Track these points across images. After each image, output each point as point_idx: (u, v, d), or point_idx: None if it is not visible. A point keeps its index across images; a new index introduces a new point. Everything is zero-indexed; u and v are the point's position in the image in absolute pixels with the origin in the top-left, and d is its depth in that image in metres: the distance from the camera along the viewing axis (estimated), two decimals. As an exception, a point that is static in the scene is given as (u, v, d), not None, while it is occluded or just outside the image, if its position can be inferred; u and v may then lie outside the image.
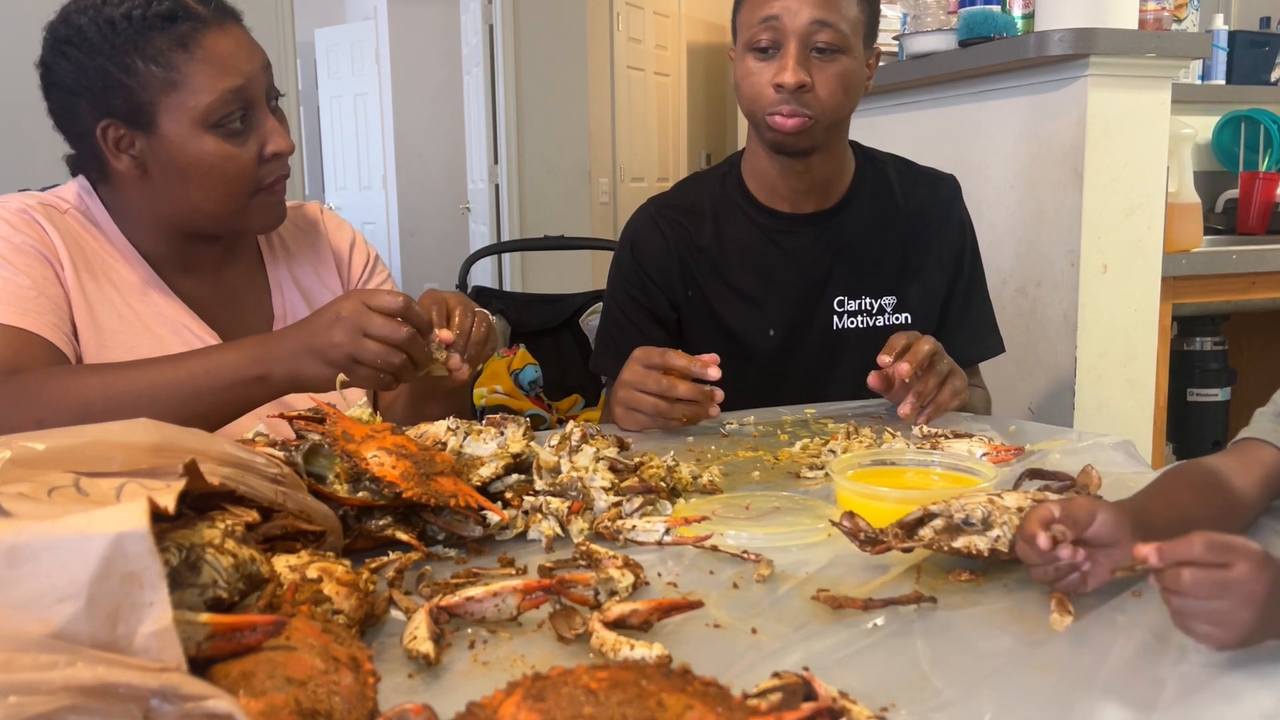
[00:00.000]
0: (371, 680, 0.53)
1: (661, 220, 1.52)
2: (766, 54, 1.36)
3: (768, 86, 1.35)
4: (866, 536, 0.73)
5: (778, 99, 1.35)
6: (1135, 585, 0.70)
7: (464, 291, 2.44)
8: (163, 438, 0.63)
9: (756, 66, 1.37)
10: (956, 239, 1.53)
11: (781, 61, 1.34)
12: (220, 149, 1.09)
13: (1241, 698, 0.56)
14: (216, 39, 1.08)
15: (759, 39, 1.35)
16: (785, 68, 1.33)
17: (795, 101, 1.34)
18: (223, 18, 1.11)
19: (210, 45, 1.08)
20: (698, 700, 0.46)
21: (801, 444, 1.14)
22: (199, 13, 1.09)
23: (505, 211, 5.23)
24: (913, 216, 1.51)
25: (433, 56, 7.02)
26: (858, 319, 1.48)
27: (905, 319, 1.48)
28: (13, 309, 1.06)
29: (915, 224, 1.50)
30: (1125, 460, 1.02)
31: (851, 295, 1.48)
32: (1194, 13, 2.56)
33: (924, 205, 1.52)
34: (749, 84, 1.38)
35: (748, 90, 1.39)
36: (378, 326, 0.96)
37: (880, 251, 1.49)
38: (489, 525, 0.82)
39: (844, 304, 1.48)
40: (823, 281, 1.47)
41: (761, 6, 1.35)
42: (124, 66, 1.07)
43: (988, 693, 0.57)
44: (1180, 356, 2.37)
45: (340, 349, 0.97)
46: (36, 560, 0.46)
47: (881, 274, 1.48)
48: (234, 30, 1.11)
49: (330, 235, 1.35)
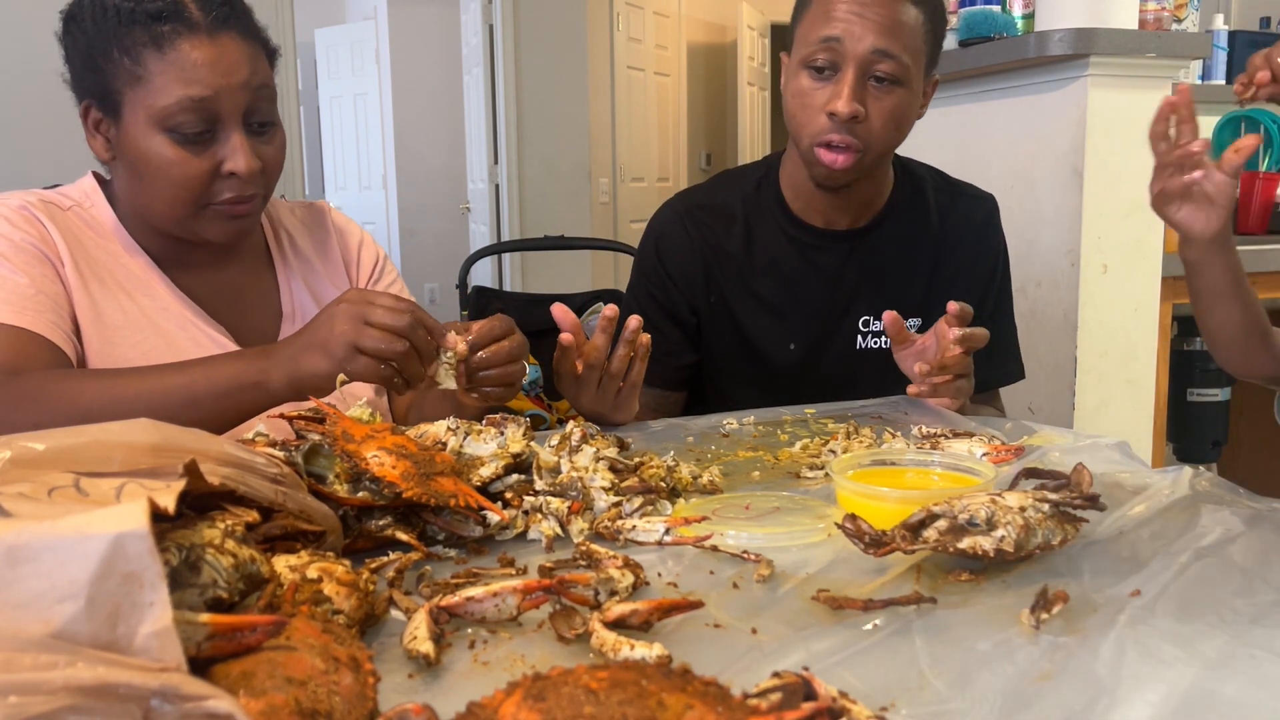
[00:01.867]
0: (371, 680, 0.53)
1: (689, 220, 1.47)
2: (823, 74, 1.29)
3: (820, 112, 1.30)
4: (870, 539, 0.73)
5: (828, 126, 1.29)
6: (1135, 585, 0.70)
7: (464, 292, 2.44)
8: (163, 438, 0.63)
9: (810, 86, 1.31)
10: (989, 262, 1.48)
11: (837, 88, 1.28)
12: (170, 152, 1.08)
13: (1245, 703, 0.56)
14: (195, 46, 1.07)
15: (816, 58, 1.29)
16: (840, 95, 1.27)
17: (846, 131, 1.29)
18: (218, 28, 1.09)
19: (186, 51, 1.07)
20: (698, 700, 0.46)
21: (801, 444, 1.14)
22: (190, 17, 1.08)
23: (505, 211, 5.23)
24: (946, 237, 1.47)
25: (433, 56, 7.02)
26: (882, 339, 1.44)
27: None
28: (11, 307, 1.05)
29: (948, 245, 1.46)
30: (1123, 460, 1.02)
31: (877, 316, 1.42)
32: (1194, 13, 2.56)
33: (959, 226, 1.48)
34: (800, 105, 1.32)
35: (797, 111, 1.33)
36: (380, 314, 0.96)
37: (910, 273, 1.45)
38: (489, 525, 0.82)
39: (869, 324, 1.45)
40: (849, 300, 1.44)
41: (823, 24, 1.28)
42: (104, 53, 1.08)
43: (987, 693, 0.57)
44: (1180, 356, 2.37)
45: (343, 336, 0.96)
46: (36, 560, 0.46)
47: (909, 296, 1.44)
48: (225, 43, 1.09)
49: (338, 234, 1.35)
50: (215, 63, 1.08)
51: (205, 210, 1.12)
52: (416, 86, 7.11)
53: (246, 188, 1.12)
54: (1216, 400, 2.44)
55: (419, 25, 7.03)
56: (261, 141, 1.13)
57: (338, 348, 0.96)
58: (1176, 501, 0.87)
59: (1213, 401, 2.44)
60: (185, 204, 1.11)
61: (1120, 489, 0.92)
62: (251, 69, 1.11)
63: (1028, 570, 0.74)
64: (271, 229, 1.30)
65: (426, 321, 0.99)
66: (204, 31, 1.08)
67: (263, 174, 1.13)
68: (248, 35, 1.12)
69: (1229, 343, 1.25)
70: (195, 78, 1.07)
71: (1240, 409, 2.50)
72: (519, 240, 4.79)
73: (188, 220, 1.13)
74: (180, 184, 1.10)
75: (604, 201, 5.66)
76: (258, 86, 1.11)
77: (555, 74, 5.19)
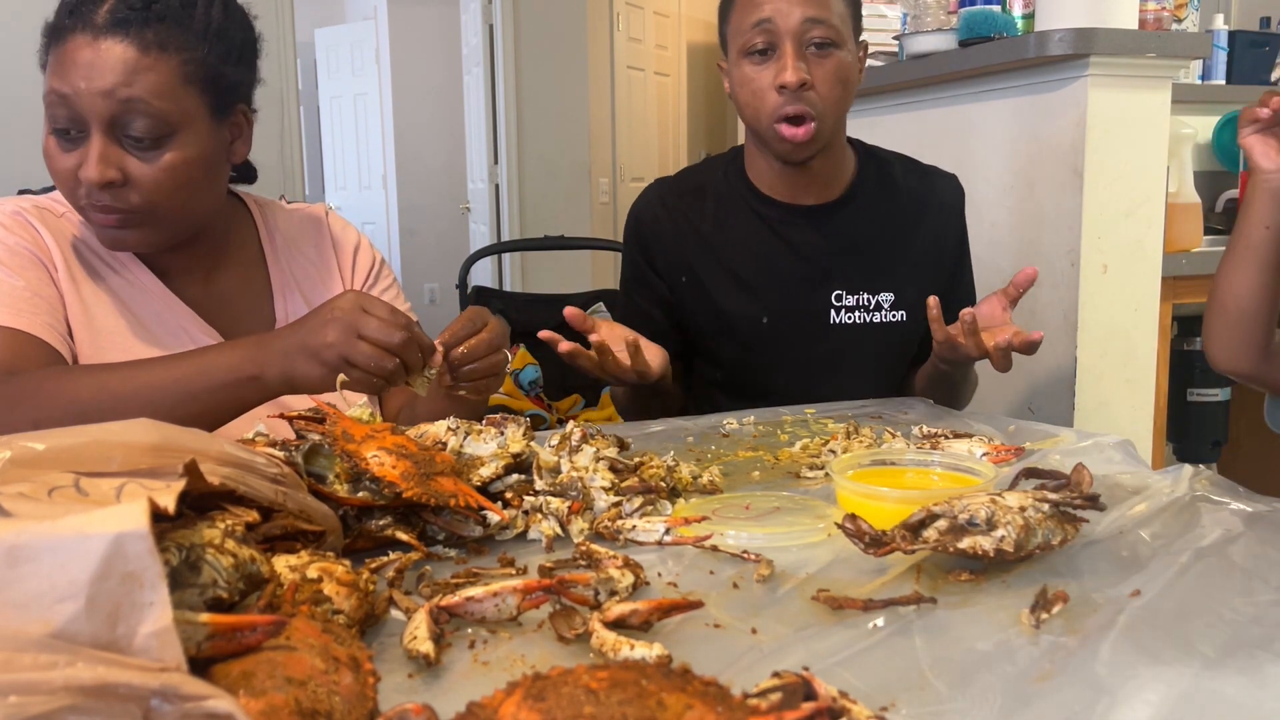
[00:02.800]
0: (371, 680, 0.53)
1: (662, 202, 1.53)
2: (764, 56, 1.36)
3: (770, 90, 1.35)
4: (870, 539, 0.73)
5: (781, 101, 1.35)
6: (1135, 585, 0.70)
7: (464, 292, 2.44)
8: (163, 438, 0.63)
9: (754, 71, 1.37)
10: (954, 237, 1.54)
11: (780, 62, 1.34)
12: (49, 142, 1.08)
13: (1245, 703, 0.56)
14: (79, 45, 1.04)
15: (754, 43, 1.35)
16: (785, 67, 1.33)
17: (800, 101, 1.34)
18: (110, 31, 1.04)
19: (70, 49, 1.04)
20: (698, 700, 0.46)
21: (801, 444, 1.14)
22: (92, 19, 1.04)
23: (505, 211, 5.23)
24: (916, 212, 1.51)
25: (433, 56, 7.02)
26: (855, 314, 1.48)
27: (901, 316, 1.49)
28: (8, 310, 1.06)
29: (918, 220, 1.51)
30: (1124, 460, 1.02)
31: (850, 290, 1.48)
32: (1194, 13, 2.56)
33: (929, 204, 1.53)
34: (749, 90, 1.38)
35: (748, 97, 1.38)
36: (372, 329, 0.95)
37: (882, 247, 1.49)
38: (489, 525, 0.82)
39: (842, 298, 1.49)
40: (822, 275, 1.48)
41: (752, 11, 1.35)
42: (45, 44, 1.08)
43: (987, 693, 0.57)
44: (1180, 356, 2.37)
45: (333, 349, 0.96)
46: (36, 560, 0.46)
47: (881, 270, 1.49)
48: (108, 47, 1.03)
49: (335, 238, 1.35)
50: (86, 64, 1.03)
51: (84, 211, 1.10)
52: (416, 86, 7.11)
53: (101, 197, 1.06)
54: (1216, 400, 2.44)
55: (419, 25, 7.03)
56: (141, 158, 1.06)
57: (330, 357, 0.96)
58: (1176, 501, 0.87)
59: (1213, 401, 2.44)
60: (72, 199, 1.10)
61: (1120, 489, 0.92)
62: (125, 79, 1.04)
63: (1028, 570, 0.74)
64: (267, 233, 1.30)
65: (421, 340, 0.99)
66: (92, 31, 1.04)
67: (128, 189, 1.06)
68: (151, 46, 1.05)
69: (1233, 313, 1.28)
70: (62, 74, 1.05)
71: (1240, 409, 2.50)
72: (519, 240, 4.79)
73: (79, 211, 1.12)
74: (55, 175, 1.09)
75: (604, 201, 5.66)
76: (127, 99, 1.04)
77: (555, 74, 5.19)
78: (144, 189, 1.07)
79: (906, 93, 2.42)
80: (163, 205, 1.09)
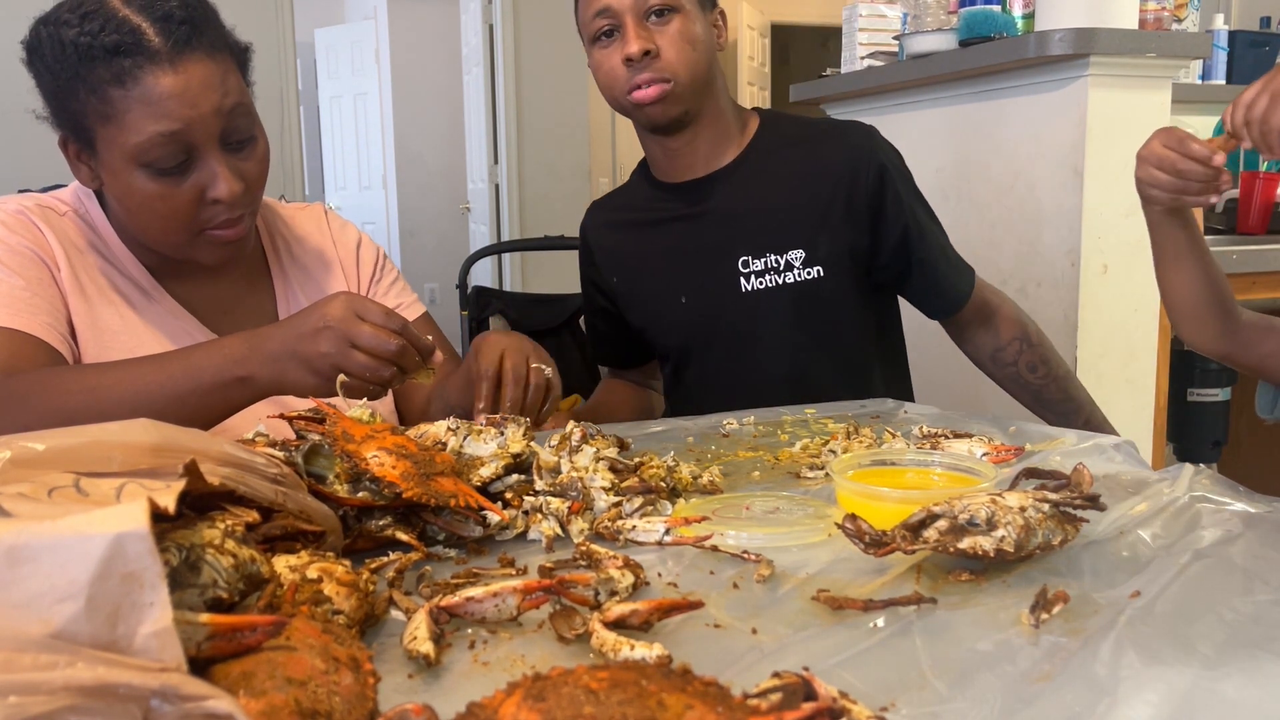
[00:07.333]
0: (371, 680, 0.53)
1: (597, 212, 1.66)
2: (610, 38, 1.42)
3: (618, 66, 1.41)
4: (870, 539, 0.73)
5: (629, 73, 1.40)
6: (1135, 586, 0.70)
7: (464, 292, 2.44)
8: (162, 438, 0.63)
9: (604, 54, 1.43)
10: (874, 185, 1.48)
11: (623, 38, 1.40)
12: (151, 186, 1.05)
13: (1245, 703, 0.56)
14: (160, 78, 1.02)
15: (598, 28, 1.42)
16: (627, 41, 1.39)
17: (648, 69, 1.39)
18: (180, 52, 1.03)
19: (150, 85, 1.02)
20: (698, 700, 0.46)
21: (801, 444, 1.14)
22: (150, 46, 1.02)
23: (505, 211, 5.23)
24: (821, 165, 1.49)
25: (433, 56, 7.02)
26: (765, 278, 1.48)
27: (817, 271, 1.47)
28: (8, 310, 1.06)
29: (823, 172, 1.48)
30: (1125, 461, 1.02)
31: (756, 254, 1.48)
32: (1194, 13, 2.56)
33: (831, 155, 1.50)
34: (602, 72, 1.44)
35: (603, 78, 1.45)
36: (366, 338, 0.94)
37: (783, 205, 1.48)
38: (489, 525, 0.82)
39: (749, 264, 1.49)
40: (726, 244, 1.50)
41: (592, 2, 1.42)
42: (70, 91, 1.05)
43: (987, 693, 0.57)
44: (1180, 356, 2.37)
45: (326, 359, 0.95)
46: (36, 560, 0.46)
47: (787, 229, 1.48)
48: (190, 68, 1.03)
49: (335, 237, 1.35)
50: (182, 93, 1.02)
51: (198, 236, 1.10)
52: (416, 86, 7.11)
53: (233, 210, 1.09)
54: (1216, 400, 2.44)
55: (419, 25, 7.03)
56: (241, 159, 1.09)
57: (323, 367, 0.95)
58: (1176, 501, 0.87)
59: (1213, 401, 2.44)
60: (177, 233, 1.10)
61: (1120, 489, 0.92)
62: (222, 91, 1.05)
63: (1028, 570, 0.74)
64: (267, 234, 1.30)
65: (418, 344, 0.98)
66: (165, 60, 1.02)
67: (247, 192, 1.10)
68: (214, 50, 1.06)
69: (1183, 306, 1.30)
70: (163, 112, 1.02)
71: (1240, 409, 2.50)
72: (519, 240, 4.79)
73: (182, 246, 1.12)
74: (167, 216, 1.07)
75: (604, 201, 5.65)
76: (231, 108, 1.06)
77: (555, 74, 5.19)
78: (255, 187, 1.12)
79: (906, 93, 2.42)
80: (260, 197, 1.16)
